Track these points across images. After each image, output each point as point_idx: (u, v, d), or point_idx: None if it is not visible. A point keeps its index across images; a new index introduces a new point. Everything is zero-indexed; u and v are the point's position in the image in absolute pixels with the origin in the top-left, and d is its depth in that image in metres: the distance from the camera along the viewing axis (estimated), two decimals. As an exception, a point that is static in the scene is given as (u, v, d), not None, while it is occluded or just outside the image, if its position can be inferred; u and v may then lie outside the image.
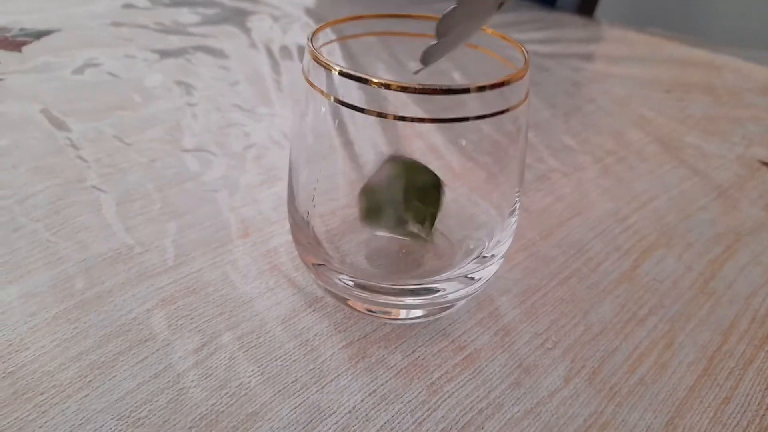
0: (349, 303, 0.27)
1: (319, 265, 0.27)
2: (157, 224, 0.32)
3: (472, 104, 0.24)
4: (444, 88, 0.22)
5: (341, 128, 0.33)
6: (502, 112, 0.23)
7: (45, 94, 0.44)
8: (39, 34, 0.54)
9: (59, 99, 0.43)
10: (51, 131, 0.39)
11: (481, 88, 0.22)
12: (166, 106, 0.44)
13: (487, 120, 0.27)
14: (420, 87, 0.22)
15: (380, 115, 0.23)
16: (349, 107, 0.23)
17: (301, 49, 0.57)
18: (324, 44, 0.29)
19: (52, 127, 0.40)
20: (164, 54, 0.53)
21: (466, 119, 0.23)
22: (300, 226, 0.27)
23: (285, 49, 0.57)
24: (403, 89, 0.22)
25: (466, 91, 0.22)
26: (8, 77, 0.46)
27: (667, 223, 0.36)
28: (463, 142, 0.30)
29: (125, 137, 0.39)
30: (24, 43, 0.52)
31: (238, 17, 0.64)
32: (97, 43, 0.54)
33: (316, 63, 0.24)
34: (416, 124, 0.43)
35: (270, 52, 0.56)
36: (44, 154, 0.37)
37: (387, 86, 0.22)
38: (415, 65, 0.57)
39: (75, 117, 0.41)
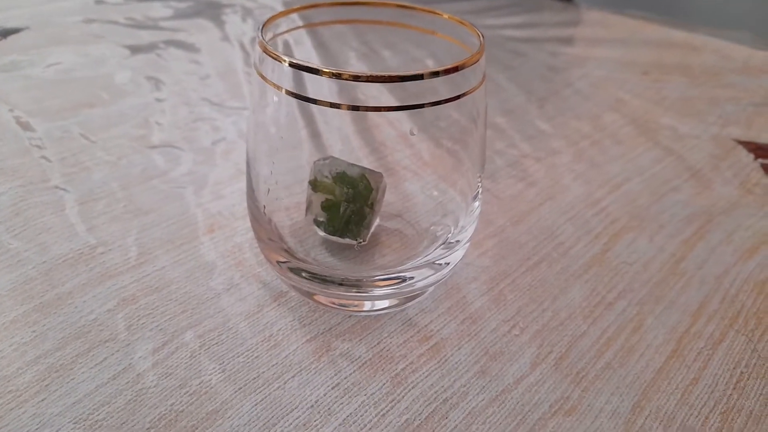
0: (314, 297, 0.27)
1: (282, 261, 0.26)
2: (120, 223, 0.31)
3: (440, 89, 0.23)
4: (397, 74, 0.22)
5: (308, 118, 0.33)
6: (457, 98, 0.23)
7: (12, 93, 0.43)
8: (6, 33, 0.53)
9: (26, 98, 0.43)
10: (16, 131, 0.39)
11: (435, 74, 0.22)
12: (134, 103, 0.43)
13: (454, 106, 0.27)
14: (371, 75, 0.22)
15: (333, 105, 0.23)
16: (301, 99, 0.23)
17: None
18: (288, 30, 0.29)
19: (18, 127, 0.39)
20: (135, 49, 0.52)
21: (421, 106, 0.23)
22: (260, 222, 0.27)
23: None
24: (355, 78, 0.22)
25: (420, 77, 0.22)
26: (-27, 78, 0.45)
27: (639, 205, 0.36)
28: (415, 131, 0.30)
29: (91, 135, 0.39)
30: (-10, 43, 0.51)
31: (211, 10, 0.63)
32: (66, 41, 0.53)
33: (266, 55, 0.23)
34: (387, 114, 0.43)
35: (242, 46, 0.55)
36: (8, 155, 0.36)
37: (338, 75, 0.22)
38: (388, 53, 0.56)
39: (41, 116, 0.40)
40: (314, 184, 0.28)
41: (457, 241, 0.27)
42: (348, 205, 0.27)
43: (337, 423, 0.22)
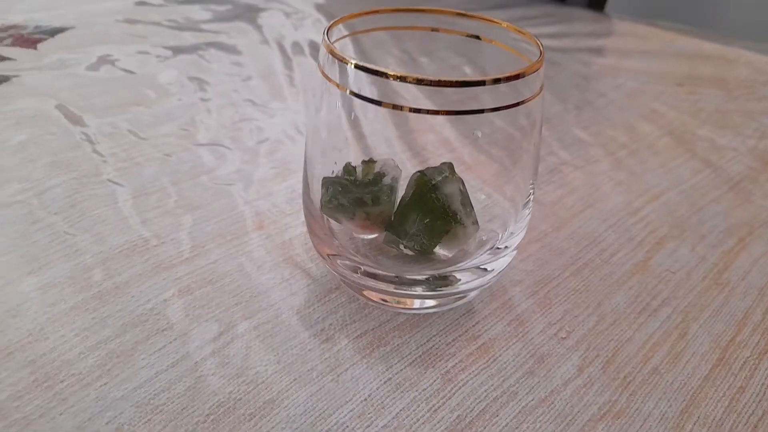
0: (364, 293, 0.27)
1: (334, 255, 0.27)
2: (172, 217, 0.32)
3: (484, 98, 0.24)
4: (459, 80, 0.22)
5: (354, 122, 0.34)
6: (517, 104, 0.24)
7: (60, 90, 0.44)
8: (54, 32, 0.55)
9: (74, 95, 0.44)
10: (67, 126, 0.40)
11: (497, 81, 0.23)
12: (179, 102, 0.44)
13: (500, 113, 0.27)
14: (436, 80, 0.22)
15: (395, 107, 0.23)
16: (364, 100, 0.24)
17: (312, 45, 0.57)
18: (337, 39, 0.29)
19: (68, 123, 0.40)
20: (177, 50, 0.53)
21: (481, 111, 0.24)
22: (315, 218, 0.28)
23: (297, 45, 0.57)
24: (419, 81, 0.22)
25: (482, 83, 0.23)
26: (24, 74, 0.46)
27: (679, 215, 0.36)
28: (479, 134, 0.30)
29: (140, 132, 0.40)
30: (39, 41, 0.52)
31: (249, 14, 0.64)
32: (110, 40, 0.54)
33: (332, 57, 0.24)
34: (430, 118, 0.44)
35: (282, 48, 0.56)
36: (61, 149, 0.37)
37: (403, 79, 0.22)
38: (425, 60, 0.57)
39: (90, 112, 0.42)
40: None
41: (506, 247, 0.28)
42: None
43: (390, 417, 0.23)
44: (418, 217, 0.27)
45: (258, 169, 0.37)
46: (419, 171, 0.28)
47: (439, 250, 0.27)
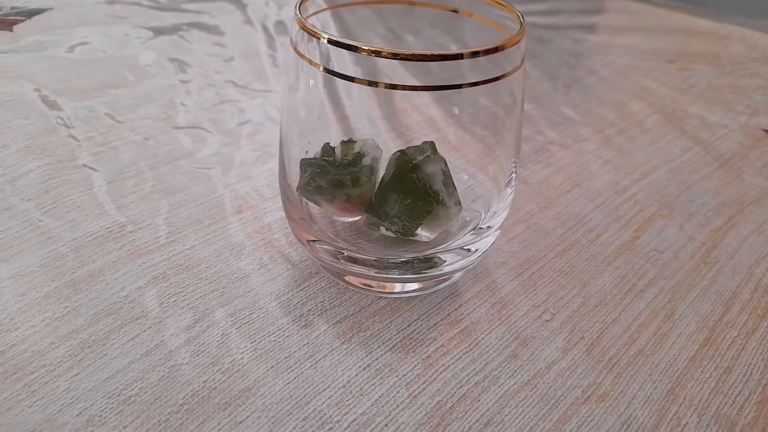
0: (344, 278, 0.27)
1: (313, 240, 0.26)
2: (149, 202, 0.31)
3: (468, 75, 0.23)
4: (436, 53, 0.21)
5: (335, 102, 0.33)
6: (496, 79, 0.23)
7: (37, 73, 0.43)
8: (31, 13, 0.53)
9: (51, 78, 0.43)
10: (43, 110, 0.39)
11: (475, 54, 0.22)
12: (159, 84, 0.43)
13: (482, 90, 0.26)
14: (411, 53, 0.21)
15: (371, 83, 0.23)
16: (337, 76, 0.23)
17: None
18: (314, 13, 0.28)
19: (44, 107, 0.39)
20: (158, 31, 0.52)
21: (460, 86, 0.23)
22: (292, 202, 0.27)
23: (281, 25, 0.56)
24: (395, 56, 0.21)
25: (459, 56, 0.22)
26: (-1, 57, 0.45)
27: (668, 193, 0.36)
28: (456, 110, 0.29)
29: (118, 115, 0.39)
30: (15, 22, 0.51)
31: (232, -6, 0.63)
32: (89, 22, 0.53)
33: (304, 32, 0.23)
34: (413, 97, 0.43)
35: (266, 29, 0.55)
36: (36, 134, 0.36)
37: (378, 53, 0.21)
38: (411, 38, 0.56)
39: (67, 96, 0.41)
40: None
41: (488, 227, 0.27)
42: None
43: (369, 403, 0.22)
44: (399, 198, 0.26)
45: (238, 152, 0.36)
46: (399, 150, 0.27)
47: (421, 232, 0.27)
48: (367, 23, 0.56)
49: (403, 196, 0.26)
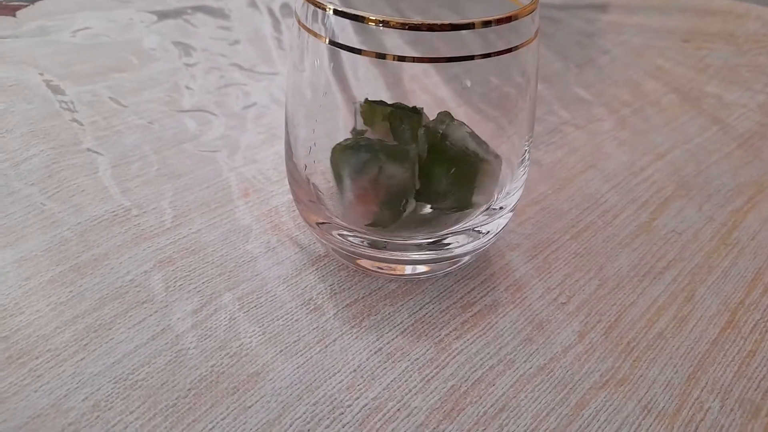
0: (355, 261, 0.26)
1: (322, 223, 0.26)
2: (154, 186, 0.31)
3: (478, 52, 0.22)
4: (446, 23, 0.21)
5: (342, 82, 0.32)
6: (509, 50, 0.22)
7: (40, 58, 0.43)
8: (34, -1, 0.52)
9: (55, 63, 0.42)
10: (46, 95, 0.38)
11: (487, 24, 0.21)
12: (163, 68, 0.43)
13: (494, 67, 0.25)
14: (421, 23, 0.21)
15: (379, 56, 0.22)
16: (344, 48, 0.22)
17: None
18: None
19: (48, 91, 0.39)
20: (162, 15, 0.51)
21: (471, 58, 0.22)
22: (300, 184, 0.26)
23: (286, 7, 0.55)
24: (403, 26, 0.21)
25: (471, 26, 0.21)
26: (3, 42, 0.45)
27: (686, 174, 0.35)
28: (468, 83, 0.29)
29: (122, 99, 0.38)
30: (18, 8, 0.50)
31: (237, -23, 0.62)
32: (93, 6, 0.52)
33: (310, 5, 0.22)
34: (421, 77, 0.42)
35: (271, 11, 0.54)
36: (39, 118, 0.36)
37: (386, 23, 0.21)
38: (419, 18, 0.55)
39: (71, 80, 0.40)
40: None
41: (501, 208, 0.26)
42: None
43: (381, 388, 0.22)
44: (443, 170, 0.25)
45: (244, 135, 0.36)
46: (422, 126, 0.26)
47: (476, 198, 0.25)
48: (374, 5, 0.55)
49: (446, 167, 0.25)
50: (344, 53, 0.23)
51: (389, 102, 0.30)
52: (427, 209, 0.26)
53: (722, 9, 0.61)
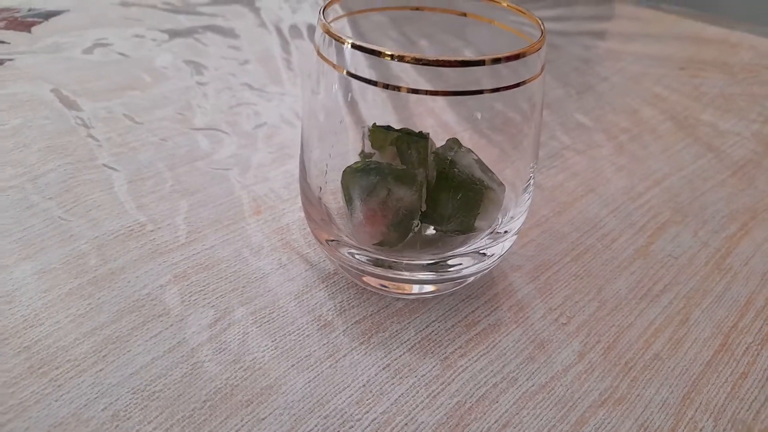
0: (362, 278, 0.27)
1: (332, 240, 0.27)
2: (168, 202, 0.32)
3: (484, 83, 0.23)
4: (458, 59, 0.22)
5: (352, 106, 0.33)
6: (517, 85, 0.23)
7: (55, 74, 0.44)
8: (48, 15, 0.54)
9: (69, 79, 0.43)
10: (62, 111, 0.39)
11: (497, 60, 0.22)
12: (176, 86, 0.44)
13: (501, 96, 0.27)
14: (434, 59, 0.22)
15: (393, 88, 0.23)
16: (360, 80, 0.23)
17: (311, 28, 0.57)
18: (334, 19, 0.29)
19: (63, 107, 0.40)
20: (173, 34, 0.53)
21: (481, 92, 0.23)
22: (312, 203, 0.27)
23: (295, 28, 0.56)
24: (417, 61, 0.22)
25: (481, 63, 0.22)
26: (18, 57, 0.46)
27: (682, 200, 0.36)
28: (479, 116, 0.30)
29: (136, 116, 0.39)
30: (33, 24, 0.52)
31: (246, -3, 0.64)
32: (106, 23, 0.53)
33: (328, 37, 0.23)
34: (427, 101, 0.43)
35: (280, 32, 0.55)
36: (55, 134, 0.37)
37: (401, 58, 0.22)
38: (425, 43, 0.56)
39: (86, 97, 0.41)
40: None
41: (505, 232, 0.27)
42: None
43: (389, 402, 0.23)
44: (450, 196, 0.26)
45: (255, 153, 0.37)
46: (433, 152, 0.27)
47: (479, 223, 0.27)
48: (381, 28, 0.56)
49: (453, 192, 0.26)
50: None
51: (396, 126, 0.31)
52: (431, 230, 0.28)
53: (717, 38, 0.63)
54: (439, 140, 0.38)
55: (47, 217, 0.30)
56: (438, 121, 0.40)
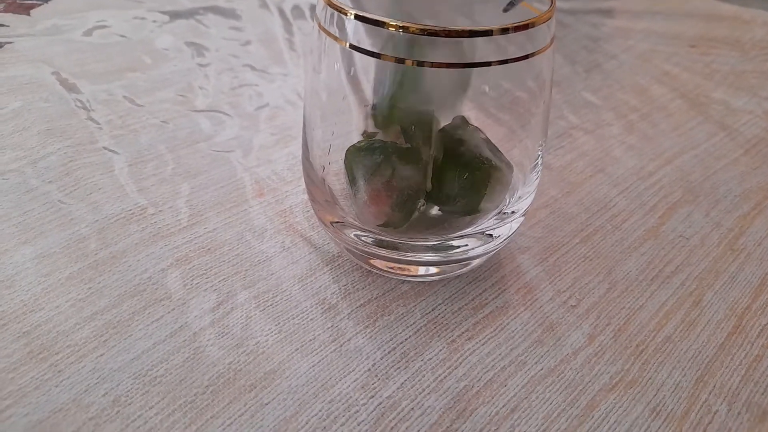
0: (368, 261, 0.27)
1: (336, 222, 0.26)
2: (170, 185, 0.31)
3: (491, 58, 0.23)
4: (465, 29, 0.21)
5: (356, 84, 0.32)
6: (526, 57, 0.22)
7: (55, 56, 0.43)
8: (47, -3, 0.53)
9: (69, 61, 0.42)
10: (62, 93, 0.39)
11: (505, 30, 0.21)
12: (177, 68, 0.43)
13: (509, 72, 0.26)
14: (440, 29, 0.21)
15: (398, 60, 0.22)
16: (363, 52, 0.22)
17: (313, 9, 0.56)
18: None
19: (63, 90, 0.39)
20: (174, 15, 0.52)
21: (488, 64, 0.22)
22: (316, 184, 0.27)
23: (297, 9, 0.55)
24: (422, 31, 0.21)
25: (489, 33, 0.21)
26: (18, 40, 0.45)
27: (693, 179, 0.35)
28: (487, 88, 0.29)
29: (137, 99, 0.39)
30: (32, 6, 0.51)
31: (248, -23, 0.62)
32: (106, 5, 0.52)
33: (330, 9, 0.23)
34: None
35: (282, 12, 0.54)
36: (56, 117, 0.36)
37: (405, 29, 0.21)
38: (431, 23, 0.55)
39: (86, 79, 0.40)
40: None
41: (513, 212, 0.27)
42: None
43: (395, 387, 0.22)
44: (456, 175, 0.25)
45: (258, 135, 0.36)
46: (440, 130, 0.26)
47: (485, 204, 0.26)
48: (382, 6, 0.55)
49: (459, 172, 0.25)
50: (358, 56, 0.24)
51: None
52: (436, 210, 0.27)
53: (729, 15, 0.62)
54: (444, 120, 0.37)
55: (47, 200, 0.30)
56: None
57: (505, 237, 0.26)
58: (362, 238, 0.25)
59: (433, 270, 0.26)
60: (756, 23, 0.60)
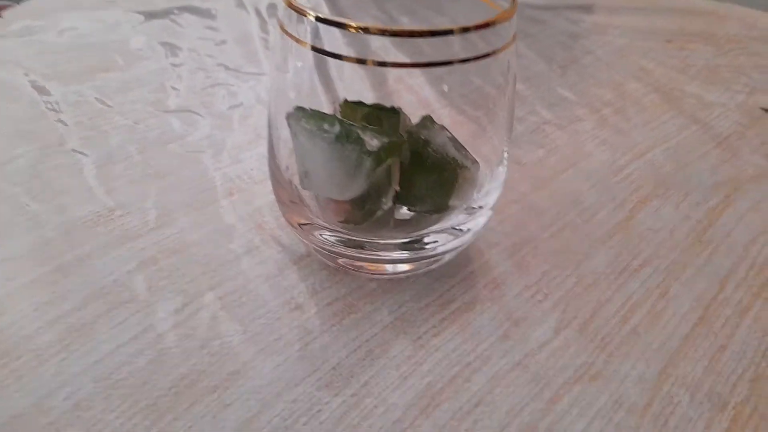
0: (335, 260, 0.27)
1: (304, 224, 0.26)
2: (139, 186, 0.31)
3: (461, 55, 0.23)
4: (425, 30, 0.21)
5: (326, 83, 0.32)
6: (487, 55, 0.22)
7: (26, 58, 0.43)
8: (20, -1, 0.53)
9: (41, 63, 0.42)
10: (32, 96, 0.38)
11: (466, 29, 0.21)
12: (150, 68, 0.43)
13: (475, 69, 0.26)
14: (400, 30, 0.21)
15: (359, 61, 0.22)
16: (326, 54, 0.22)
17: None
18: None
19: (33, 92, 0.39)
20: (149, 15, 0.51)
21: (450, 63, 0.22)
22: (282, 185, 0.27)
23: (273, 7, 0.55)
24: (383, 32, 0.21)
25: (450, 32, 0.21)
26: (-12, 43, 0.45)
27: (664, 173, 0.35)
28: (446, 88, 0.29)
29: (107, 99, 0.38)
30: (4, 8, 0.50)
31: (225, -23, 0.62)
32: (79, 6, 0.52)
33: (292, 11, 0.22)
34: (406, 77, 0.42)
35: (258, 11, 0.54)
36: (25, 119, 0.36)
37: (366, 30, 0.21)
38: (406, 20, 0.55)
39: (56, 80, 0.40)
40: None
41: (480, 207, 0.27)
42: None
43: (358, 385, 0.22)
44: (423, 176, 0.25)
45: (230, 135, 0.36)
46: (406, 132, 0.26)
47: (454, 202, 0.26)
48: (361, 5, 0.55)
49: (426, 173, 0.25)
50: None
51: (370, 103, 0.30)
52: (405, 211, 0.27)
53: (705, 10, 0.62)
54: (416, 117, 0.37)
55: (14, 204, 0.29)
56: (417, 97, 0.39)
57: (473, 231, 0.26)
58: (329, 238, 0.25)
59: (401, 267, 0.26)
60: (731, 18, 0.60)
